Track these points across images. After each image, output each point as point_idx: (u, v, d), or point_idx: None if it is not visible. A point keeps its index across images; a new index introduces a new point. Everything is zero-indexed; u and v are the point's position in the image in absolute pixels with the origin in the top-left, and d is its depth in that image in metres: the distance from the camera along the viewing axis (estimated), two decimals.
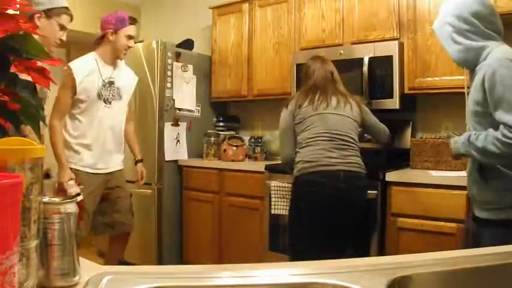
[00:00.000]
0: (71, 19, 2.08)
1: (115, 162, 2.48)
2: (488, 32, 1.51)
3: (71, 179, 2.24)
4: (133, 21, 2.40)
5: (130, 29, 2.38)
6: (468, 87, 1.64)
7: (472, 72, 1.56)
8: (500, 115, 1.42)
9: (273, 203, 2.53)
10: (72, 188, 2.21)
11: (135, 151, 2.68)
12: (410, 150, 2.58)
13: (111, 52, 2.38)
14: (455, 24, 1.53)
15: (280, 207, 2.49)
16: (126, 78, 2.52)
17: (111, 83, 2.39)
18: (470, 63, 1.54)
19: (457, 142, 1.57)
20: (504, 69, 1.41)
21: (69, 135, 2.34)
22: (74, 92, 2.28)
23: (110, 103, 2.39)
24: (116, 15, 2.37)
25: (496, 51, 1.48)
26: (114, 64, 2.43)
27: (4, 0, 0.67)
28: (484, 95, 1.46)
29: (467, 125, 1.61)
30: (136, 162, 2.67)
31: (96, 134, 2.36)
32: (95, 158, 2.37)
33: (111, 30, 2.34)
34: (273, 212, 2.53)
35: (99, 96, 2.34)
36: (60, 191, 2.21)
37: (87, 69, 2.31)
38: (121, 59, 2.46)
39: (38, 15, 1.89)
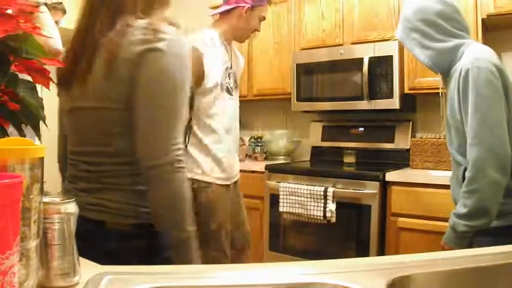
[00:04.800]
0: (63, 13, 2.05)
1: (238, 168, 1.99)
2: (455, 31, 1.43)
3: None
4: (270, 2, 2.00)
5: (266, 10, 1.95)
6: (443, 88, 1.57)
7: (447, 76, 1.46)
8: (468, 142, 1.31)
9: (281, 202, 2.53)
10: None
11: None
12: (410, 150, 2.59)
13: (235, 31, 1.90)
14: (421, 29, 1.44)
15: (288, 205, 2.50)
16: (239, 63, 2.05)
17: (230, 67, 1.90)
18: (445, 66, 1.45)
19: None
20: (476, 70, 1.30)
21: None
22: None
23: (232, 94, 1.90)
24: None
25: (469, 49, 1.39)
26: (230, 45, 1.94)
27: (4, 0, 0.67)
28: (458, 99, 1.36)
29: (445, 132, 1.49)
30: None
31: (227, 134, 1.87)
32: (225, 165, 1.85)
33: (248, 6, 1.85)
34: (281, 210, 2.53)
35: (222, 86, 1.84)
36: None
37: (216, 52, 1.83)
38: (242, 42, 2.03)
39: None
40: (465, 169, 1.35)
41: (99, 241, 0.70)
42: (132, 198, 0.93)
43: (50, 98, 0.99)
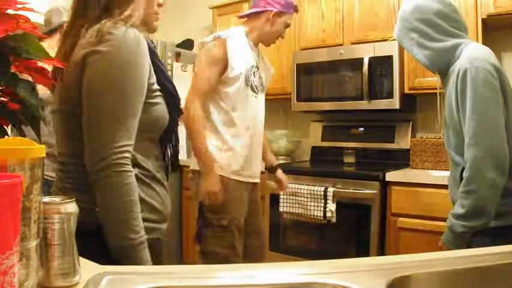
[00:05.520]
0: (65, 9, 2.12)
1: (258, 171, 2.01)
2: (454, 31, 1.42)
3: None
4: (297, 10, 2.02)
5: (292, 18, 1.98)
6: (441, 88, 1.56)
7: (445, 75, 1.45)
8: (466, 142, 1.31)
9: (281, 202, 2.53)
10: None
11: (272, 156, 2.25)
12: (410, 150, 2.59)
13: (261, 34, 1.94)
14: (420, 28, 1.43)
15: (288, 205, 2.50)
16: (268, 70, 2.12)
17: (257, 67, 1.94)
18: (443, 66, 1.43)
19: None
20: (474, 70, 1.29)
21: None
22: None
23: (256, 93, 1.93)
24: None
25: (467, 49, 1.38)
26: (257, 47, 2.00)
27: (4, 0, 0.67)
28: (456, 99, 1.35)
29: (442, 132, 1.48)
30: (275, 169, 2.21)
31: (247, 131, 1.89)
32: (243, 161, 1.88)
33: (276, 10, 1.90)
34: (281, 210, 2.53)
35: (247, 80, 1.86)
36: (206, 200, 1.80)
37: (240, 43, 1.88)
38: (268, 46, 2.03)
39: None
40: (463, 169, 1.35)
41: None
42: (92, 198, 0.92)
43: None
